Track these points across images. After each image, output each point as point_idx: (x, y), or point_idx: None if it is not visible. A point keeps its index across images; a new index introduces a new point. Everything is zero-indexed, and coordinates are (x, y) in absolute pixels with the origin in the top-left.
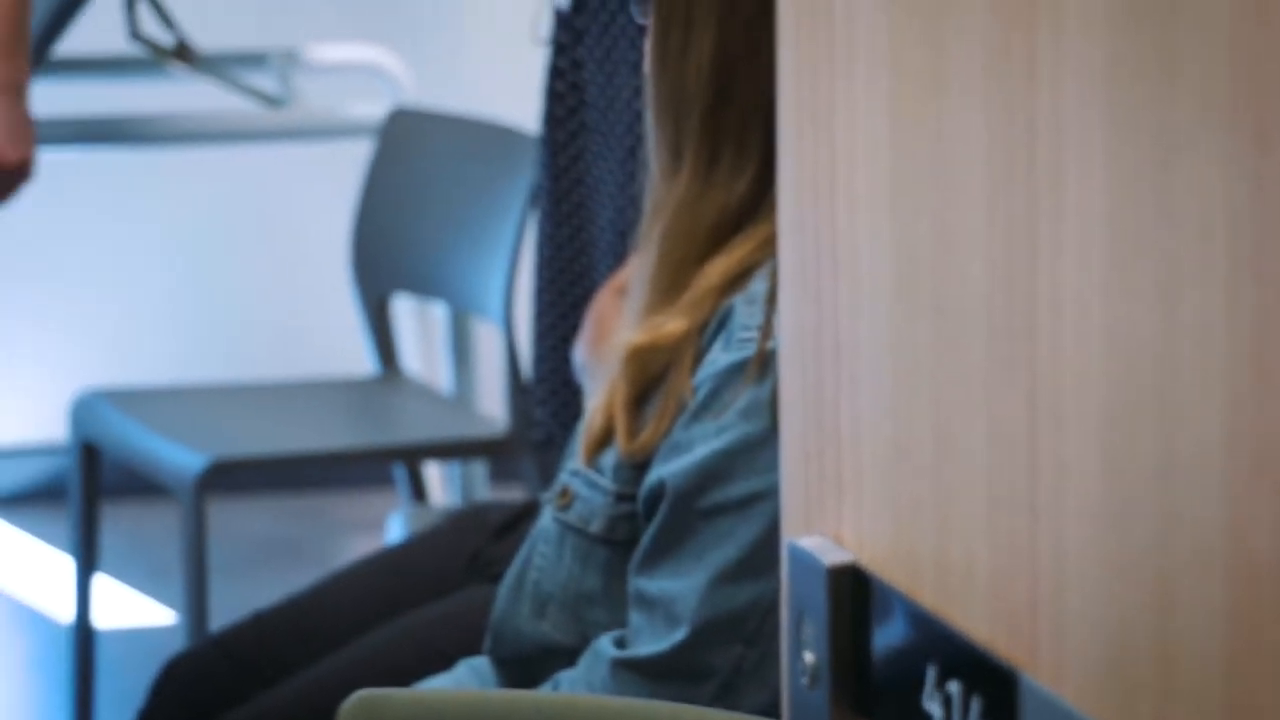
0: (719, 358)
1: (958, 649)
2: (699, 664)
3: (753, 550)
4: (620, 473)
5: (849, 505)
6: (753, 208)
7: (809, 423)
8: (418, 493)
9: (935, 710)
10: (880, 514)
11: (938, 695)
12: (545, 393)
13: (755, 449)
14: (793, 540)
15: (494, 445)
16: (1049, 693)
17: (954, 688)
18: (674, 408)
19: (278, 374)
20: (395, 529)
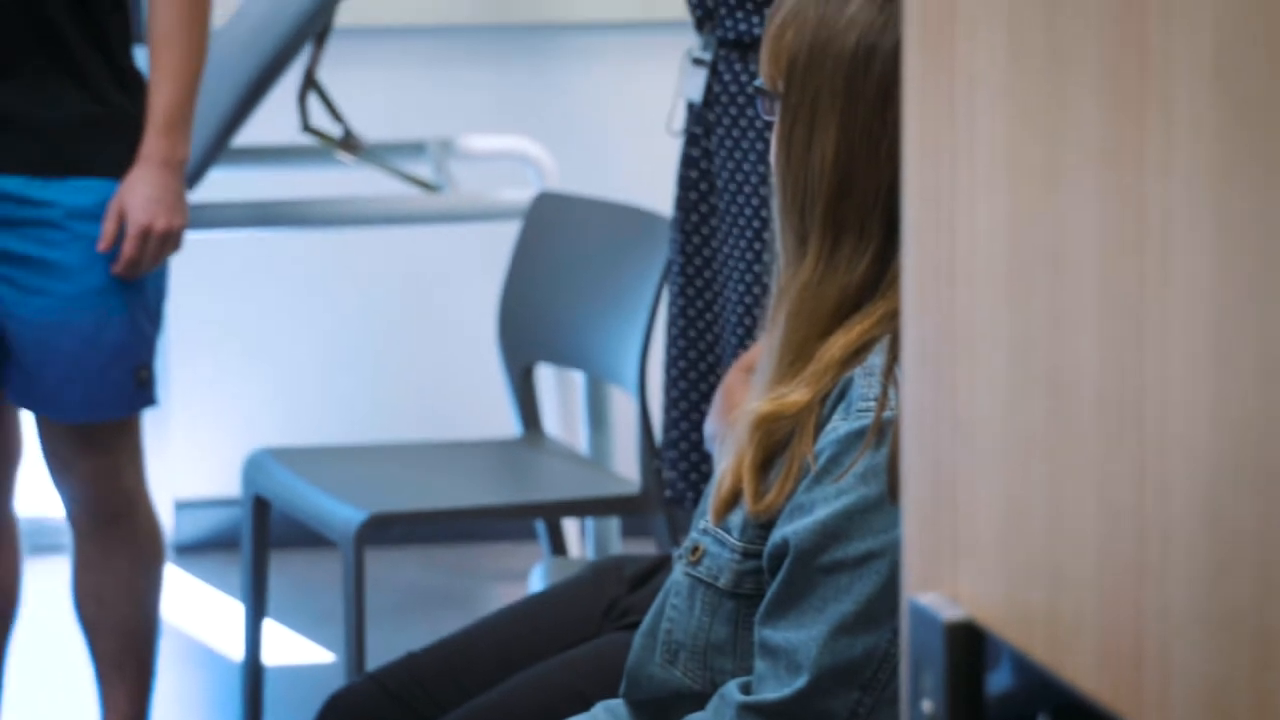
0: (839, 426)
1: (1067, 699)
2: (819, 709)
3: (869, 604)
4: (747, 531)
5: (965, 565)
6: (871, 287)
7: (928, 488)
8: (557, 546)
9: None
10: (994, 573)
11: None
12: (674, 456)
13: (872, 510)
14: (913, 597)
15: (627, 503)
16: None
17: None
18: (797, 472)
19: (431, 435)
20: (537, 579)
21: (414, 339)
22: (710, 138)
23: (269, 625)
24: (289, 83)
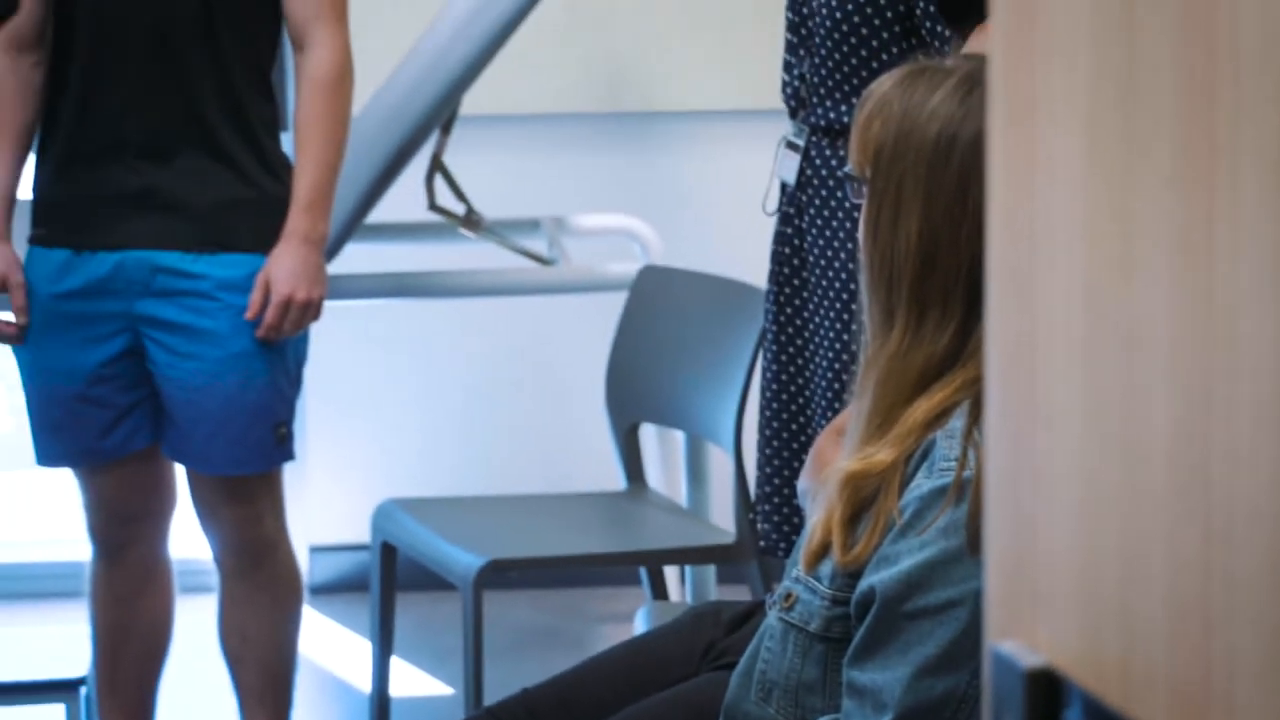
0: (922, 483)
1: None
2: None
3: (950, 648)
4: (836, 580)
5: (1043, 614)
6: (954, 357)
7: (1009, 543)
8: (659, 591)
9: None
10: (1071, 623)
11: None
12: (767, 509)
13: (953, 562)
14: (995, 644)
15: (723, 552)
16: None
17: None
18: (883, 526)
19: (544, 488)
20: (641, 622)
21: (529, 399)
22: (802, 217)
23: (395, 661)
24: (418, 165)
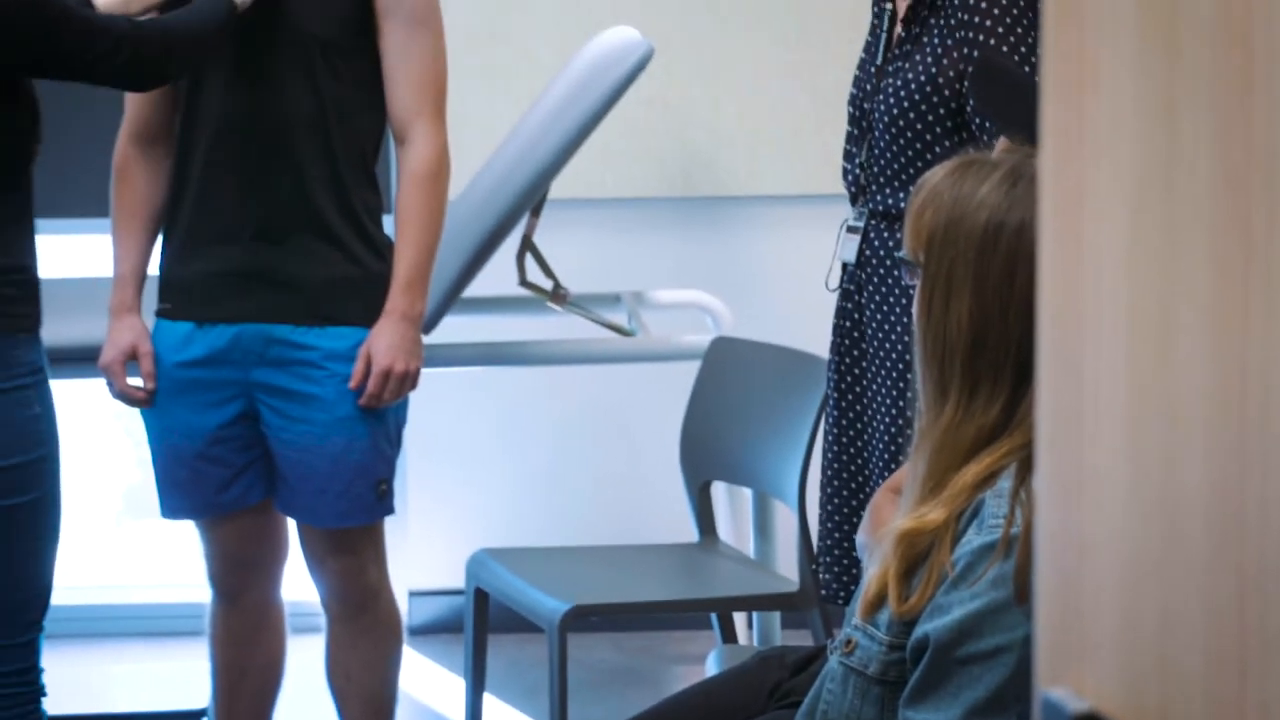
0: (973, 539)
1: None
2: None
3: (998, 691)
4: (892, 628)
5: (1089, 663)
6: (1002, 428)
7: (1057, 597)
8: (728, 635)
9: None
10: (1114, 671)
11: None
12: (828, 560)
13: (1001, 612)
14: (1044, 690)
15: (787, 600)
16: None
17: None
18: (936, 578)
19: (623, 539)
20: (712, 664)
21: (610, 458)
22: (861, 294)
23: (487, 698)
24: (510, 244)
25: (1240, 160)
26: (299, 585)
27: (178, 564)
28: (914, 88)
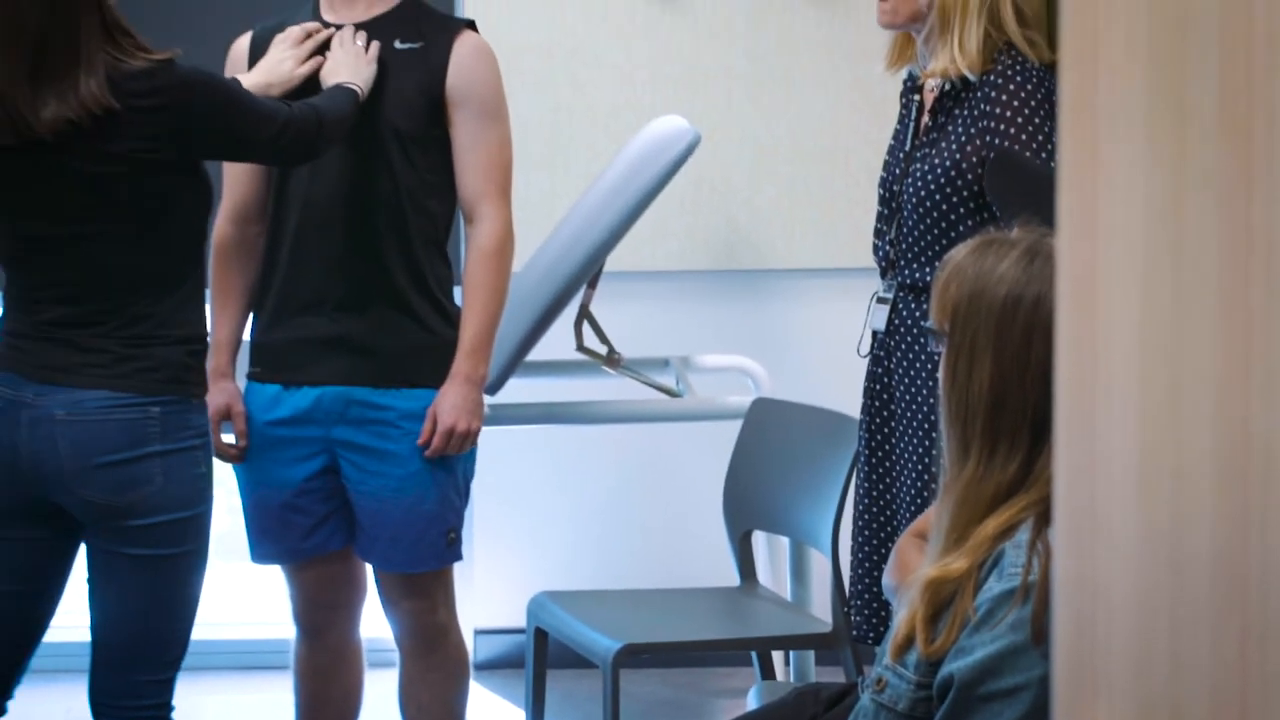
0: (994, 586)
1: None
2: None
3: None
4: (920, 667)
5: (1103, 703)
6: (1020, 483)
7: (1073, 642)
8: (767, 672)
9: None
10: (1126, 710)
11: None
12: (859, 604)
13: (1020, 653)
14: None
15: (822, 640)
16: None
17: None
18: (960, 622)
19: (671, 583)
20: (752, 699)
21: (658, 509)
22: (890, 360)
23: None
24: (568, 313)
25: (1241, 244)
26: (375, 624)
27: (265, 604)
28: (940, 172)
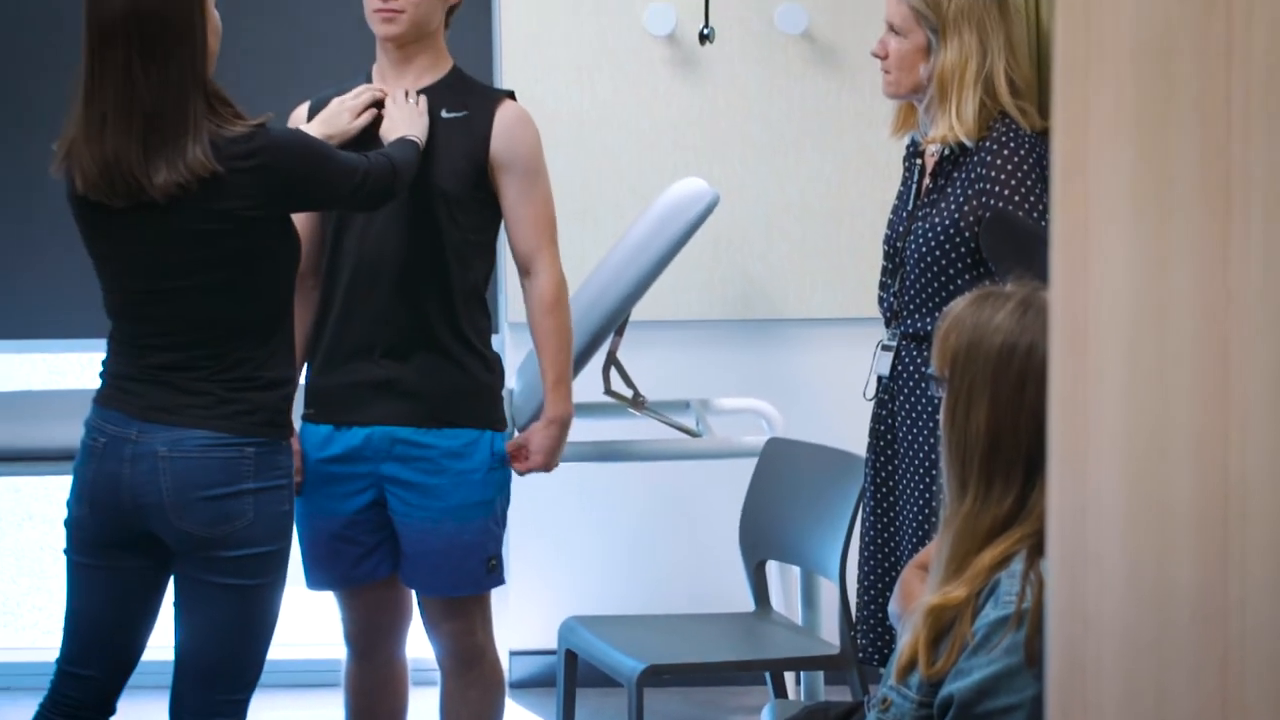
0: (990, 613)
1: None
2: None
3: None
4: (922, 688)
5: None
6: (1014, 517)
7: (1066, 669)
8: (779, 691)
9: None
10: None
11: None
12: (865, 628)
13: (1014, 674)
14: None
15: (830, 661)
16: None
17: None
18: (959, 646)
19: (691, 608)
20: (766, 716)
21: (680, 540)
22: (894, 403)
23: None
24: (597, 359)
25: (1219, 303)
26: (419, 645)
27: (318, 626)
28: (939, 230)
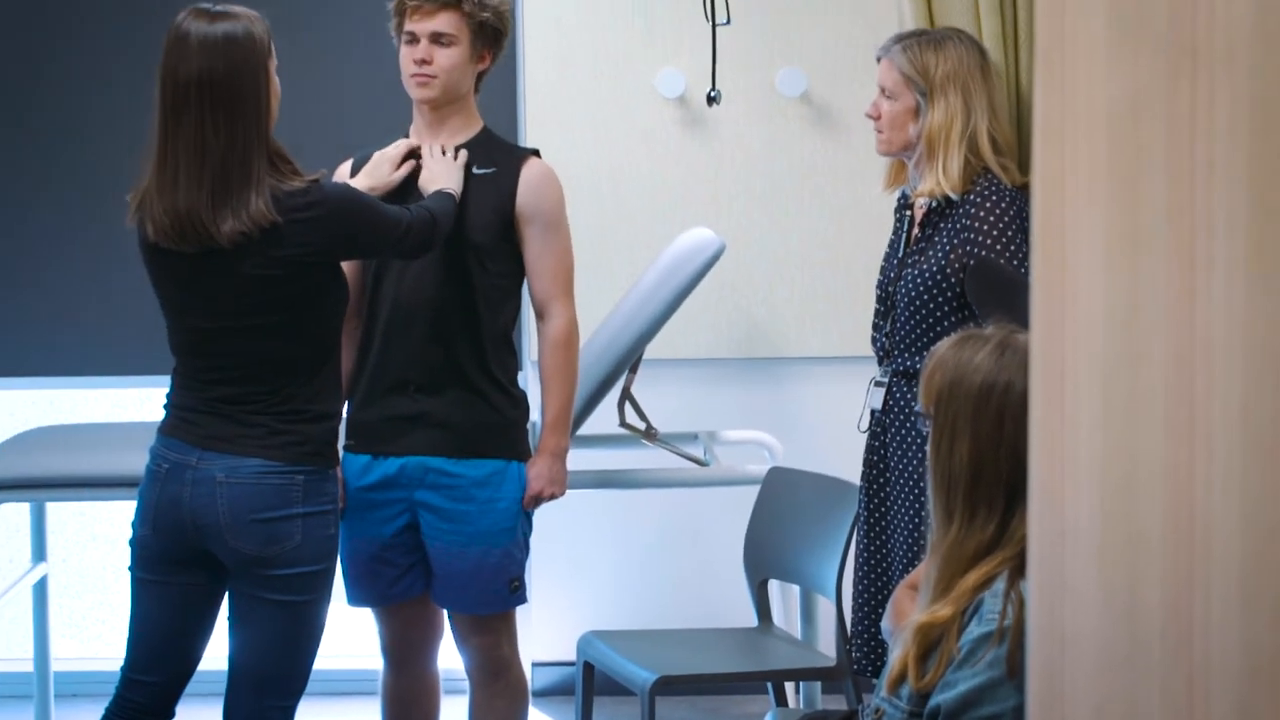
0: (974, 630)
1: None
2: None
3: None
4: (912, 699)
5: None
6: (996, 542)
7: (1045, 684)
8: (780, 700)
9: None
10: None
11: None
12: (859, 642)
13: (997, 686)
14: None
15: (827, 673)
16: None
17: None
18: (946, 661)
19: (699, 623)
20: None
21: (689, 560)
22: (886, 435)
23: None
24: (612, 395)
25: (1186, 347)
26: (449, 657)
27: (358, 639)
28: (927, 276)
